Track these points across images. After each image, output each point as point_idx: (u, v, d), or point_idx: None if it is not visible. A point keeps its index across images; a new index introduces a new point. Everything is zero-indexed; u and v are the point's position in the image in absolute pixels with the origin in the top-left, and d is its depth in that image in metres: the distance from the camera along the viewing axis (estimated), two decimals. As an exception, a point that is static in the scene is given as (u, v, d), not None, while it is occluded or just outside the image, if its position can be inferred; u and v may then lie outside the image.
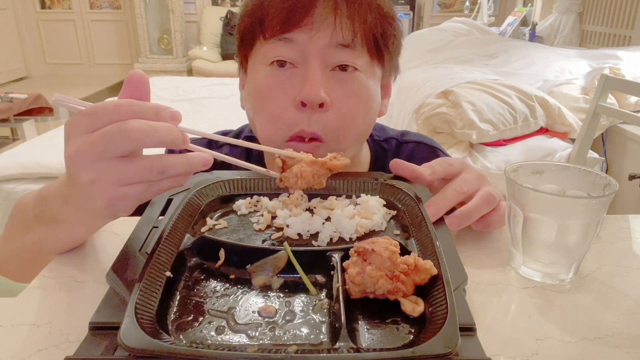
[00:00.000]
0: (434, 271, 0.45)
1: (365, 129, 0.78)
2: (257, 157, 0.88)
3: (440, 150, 0.93)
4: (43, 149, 2.46)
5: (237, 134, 0.94)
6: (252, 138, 0.90)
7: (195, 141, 0.90)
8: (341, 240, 0.55)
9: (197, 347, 0.39)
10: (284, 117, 0.71)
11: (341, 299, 0.43)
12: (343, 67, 0.71)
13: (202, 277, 0.50)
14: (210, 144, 0.89)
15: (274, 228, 0.57)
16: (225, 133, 0.94)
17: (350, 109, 0.72)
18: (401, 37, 0.78)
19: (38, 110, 4.09)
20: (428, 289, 0.45)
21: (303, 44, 0.69)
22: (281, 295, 0.47)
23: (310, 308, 0.45)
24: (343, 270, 0.47)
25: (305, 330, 0.42)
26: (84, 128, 0.45)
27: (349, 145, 0.75)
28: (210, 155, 0.50)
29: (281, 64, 0.71)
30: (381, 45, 0.73)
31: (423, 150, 0.91)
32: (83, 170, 0.46)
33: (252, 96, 0.76)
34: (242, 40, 0.77)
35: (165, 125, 0.46)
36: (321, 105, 0.69)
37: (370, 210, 0.59)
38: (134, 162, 0.46)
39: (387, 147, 0.92)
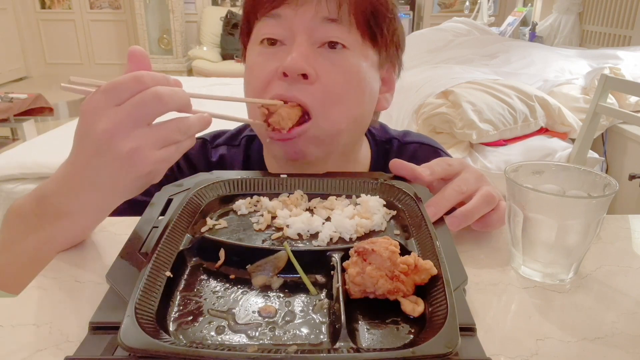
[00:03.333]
0: (434, 271, 0.45)
1: (360, 113, 0.75)
2: (257, 162, 0.87)
3: (442, 151, 0.93)
4: (43, 149, 2.45)
5: (237, 134, 0.92)
6: (253, 138, 0.89)
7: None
8: (341, 240, 0.55)
9: (197, 347, 0.39)
10: (265, 90, 0.71)
11: (341, 299, 0.43)
12: (332, 45, 0.70)
13: (202, 277, 0.50)
14: (204, 143, 0.89)
15: (274, 228, 0.57)
16: (221, 133, 0.93)
17: (338, 84, 0.71)
18: (399, 24, 0.77)
19: (38, 110, 4.08)
20: (428, 289, 0.45)
21: (290, 19, 0.69)
22: (281, 295, 0.47)
23: (310, 308, 0.45)
24: (343, 270, 0.47)
25: (305, 330, 0.42)
26: (108, 103, 0.48)
27: (339, 125, 0.73)
28: (210, 115, 0.55)
29: (272, 42, 0.71)
30: (372, 23, 0.72)
31: (425, 152, 0.91)
32: (123, 140, 0.48)
33: (244, 76, 0.76)
34: (242, 28, 0.78)
35: (181, 90, 0.51)
36: (305, 77, 0.68)
37: (370, 210, 0.59)
38: (164, 125, 0.50)
39: (389, 148, 0.91)
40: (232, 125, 0.94)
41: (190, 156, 0.87)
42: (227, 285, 0.49)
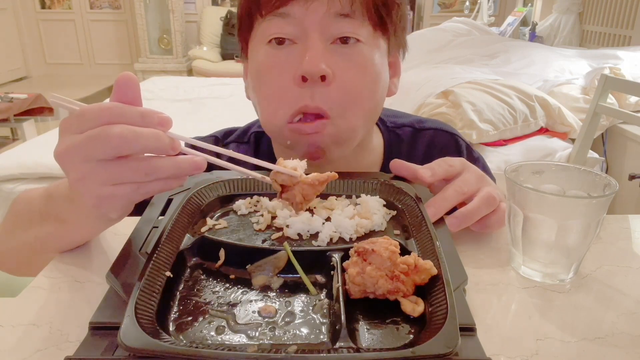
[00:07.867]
0: (434, 271, 0.45)
1: (374, 106, 0.73)
2: (267, 153, 0.86)
3: (459, 137, 0.90)
4: (43, 149, 2.45)
5: (245, 131, 0.91)
6: (262, 134, 0.88)
7: (202, 139, 0.89)
8: (341, 240, 0.55)
9: (197, 347, 0.39)
10: (285, 96, 0.68)
11: (341, 299, 0.43)
12: (344, 40, 0.68)
13: (202, 277, 0.50)
14: (217, 141, 0.88)
15: (274, 228, 0.57)
16: (231, 131, 0.92)
17: (355, 82, 0.69)
18: (404, 6, 0.75)
19: (38, 110, 4.08)
20: (428, 289, 0.45)
21: (300, 17, 0.66)
22: (281, 295, 0.47)
23: (310, 308, 0.45)
24: (343, 270, 0.47)
25: (305, 330, 0.42)
26: (74, 129, 0.46)
27: (356, 122, 0.71)
28: (202, 159, 0.48)
29: (280, 41, 0.69)
30: (383, 14, 0.69)
31: (442, 138, 0.88)
32: (70, 169, 0.47)
33: (253, 79, 0.73)
34: (241, 24, 0.75)
35: (151, 132, 0.45)
36: (323, 79, 0.66)
37: (370, 210, 0.59)
38: (120, 162, 0.45)
39: (402, 134, 0.88)
40: (242, 123, 0.93)
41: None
42: (227, 285, 0.49)
